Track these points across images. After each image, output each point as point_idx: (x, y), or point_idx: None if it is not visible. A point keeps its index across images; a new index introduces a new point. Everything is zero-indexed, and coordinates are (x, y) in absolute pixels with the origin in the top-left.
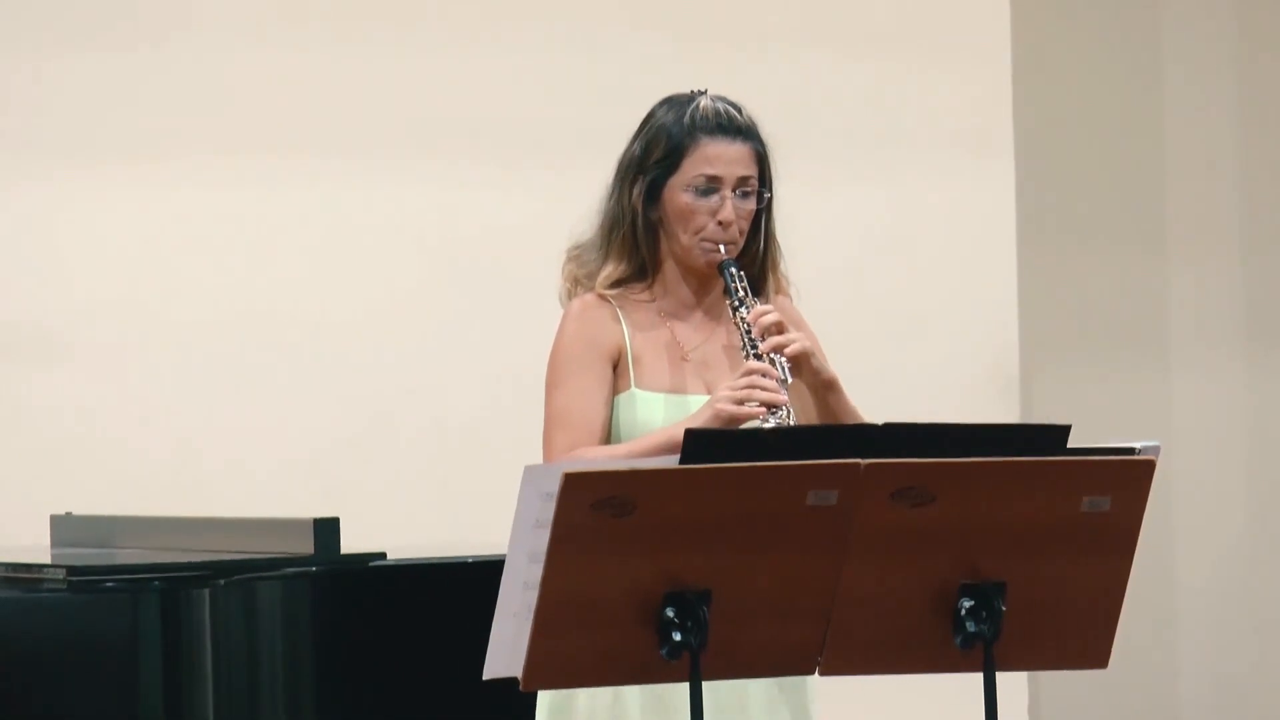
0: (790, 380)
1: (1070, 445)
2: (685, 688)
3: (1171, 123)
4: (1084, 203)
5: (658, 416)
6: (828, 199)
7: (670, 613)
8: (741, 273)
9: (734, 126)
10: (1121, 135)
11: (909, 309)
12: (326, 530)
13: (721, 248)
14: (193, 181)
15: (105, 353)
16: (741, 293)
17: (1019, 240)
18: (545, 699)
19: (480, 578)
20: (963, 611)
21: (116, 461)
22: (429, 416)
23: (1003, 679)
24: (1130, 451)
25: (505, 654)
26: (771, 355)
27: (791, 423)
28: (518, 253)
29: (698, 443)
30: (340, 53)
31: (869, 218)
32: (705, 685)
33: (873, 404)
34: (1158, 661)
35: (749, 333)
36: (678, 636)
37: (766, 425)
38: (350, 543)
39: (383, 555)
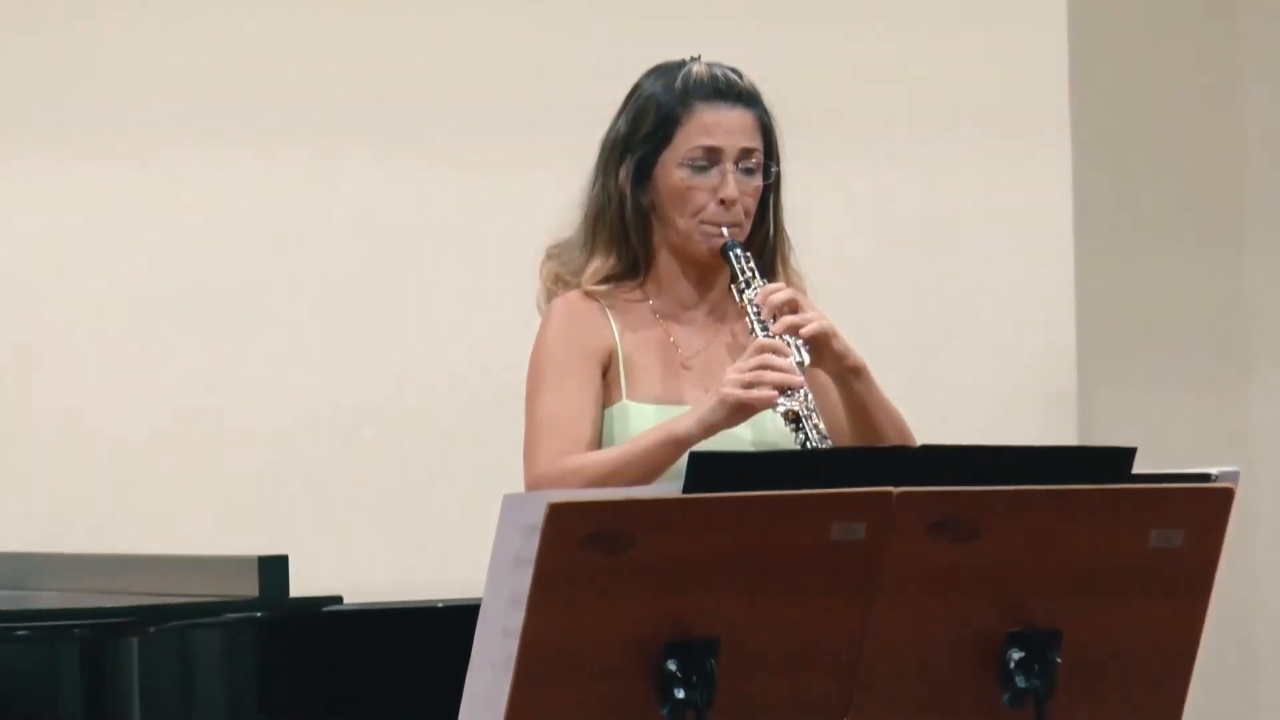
0: (808, 362)
1: (1136, 471)
2: None
3: (1250, 99)
4: (1151, 191)
5: None
6: (856, 187)
7: (672, 665)
8: (748, 254)
9: (733, 91)
10: (1193, 113)
11: (949, 313)
12: (273, 570)
13: (725, 230)
14: (118, 171)
15: (14, 368)
16: (749, 273)
17: (1076, 234)
18: None
19: (452, 624)
20: (1011, 664)
21: (29, 488)
22: (392, 435)
23: None
24: (1205, 478)
25: (481, 712)
26: (785, 337)
27: (811, 407)
28: (495, 250)
29: (704, 467)
30: (290, 27)
31: (904, 208)
32: None
33: (908, 421)
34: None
35: (758, 314)
36: (681, 693)
37: (779, 409)
38: (301, 584)
39: (339, 599)
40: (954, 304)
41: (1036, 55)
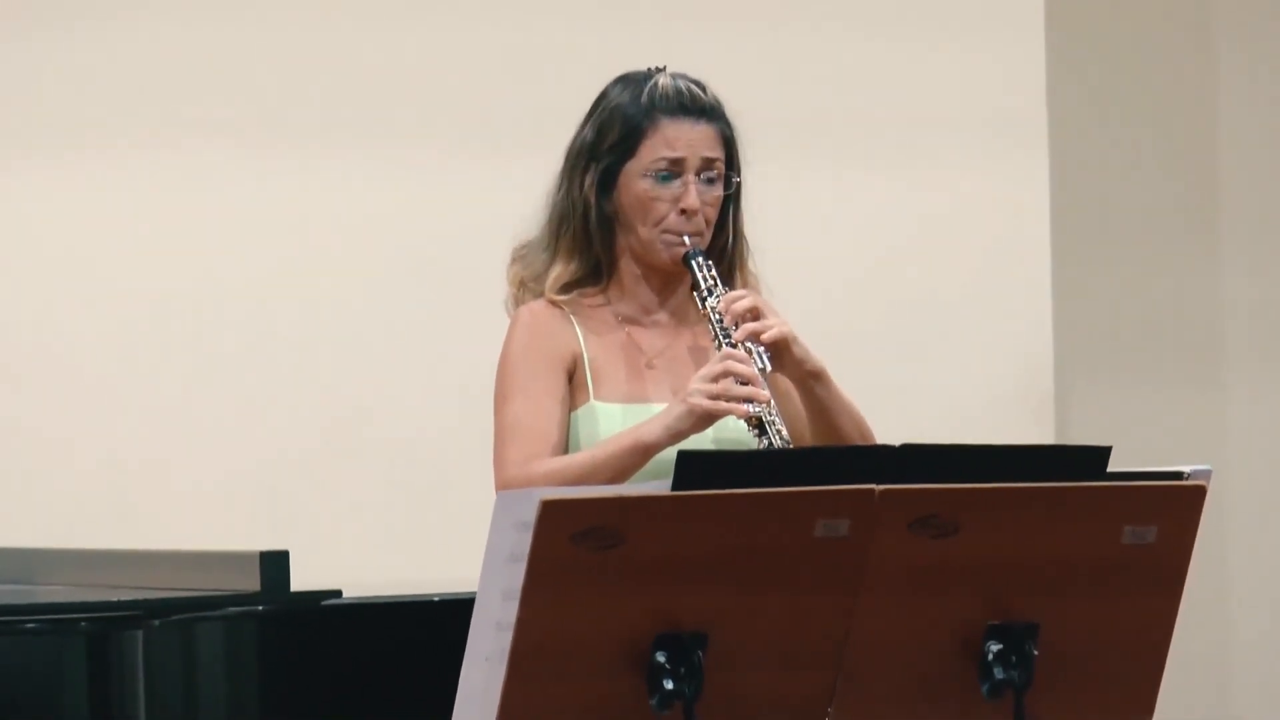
0: (769, 369)
1: (1111, 469)
2: None
3: (1226, 105)
4: (1127, 196)
5: (619, 430)
6: (835, 193)
7: (661, 658)
8: (709, 261)
9: (697, 106)
10: (1168, 119)
11: (928, 316)
12: (275, 564)
13: (686, 239)
14: (118, 177)
15: (20, 364)
16: (710, 281)
17: (1053, 239)
18: None
19: (448, 618)
20: (990, 656)
21: (35, 486)
22: (389, 434)
23: None
24: (1178, 476)
25: (476, 704)
26: (747, 344)
27: (774, 413)
28: (494, 251)
29: (693, 466)
30: (286, 32)
31: (882, 214)
32: None
33: (888, 423)
34: (1211, 713)
35: (720, 321)
36: (669, 685)
37: (745, 408)
38: (301, 578)
39: (338, 593)
40: (933, 308)
41: (1014, 63)
